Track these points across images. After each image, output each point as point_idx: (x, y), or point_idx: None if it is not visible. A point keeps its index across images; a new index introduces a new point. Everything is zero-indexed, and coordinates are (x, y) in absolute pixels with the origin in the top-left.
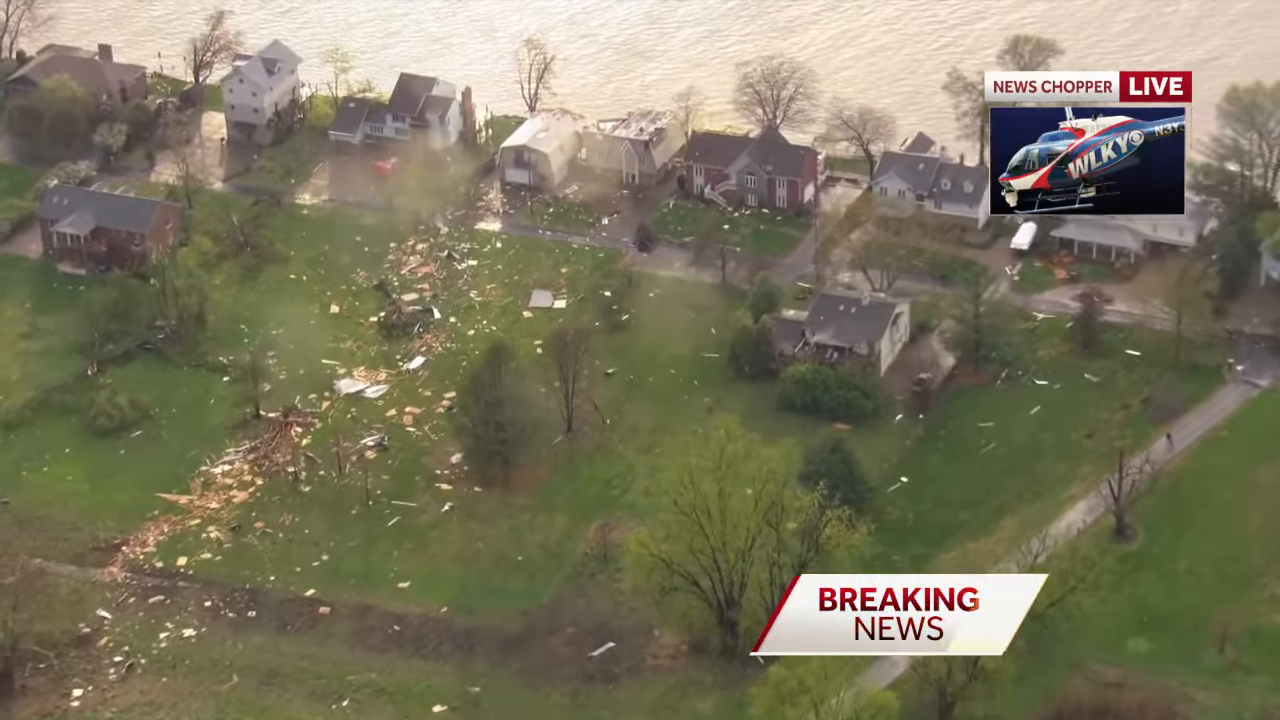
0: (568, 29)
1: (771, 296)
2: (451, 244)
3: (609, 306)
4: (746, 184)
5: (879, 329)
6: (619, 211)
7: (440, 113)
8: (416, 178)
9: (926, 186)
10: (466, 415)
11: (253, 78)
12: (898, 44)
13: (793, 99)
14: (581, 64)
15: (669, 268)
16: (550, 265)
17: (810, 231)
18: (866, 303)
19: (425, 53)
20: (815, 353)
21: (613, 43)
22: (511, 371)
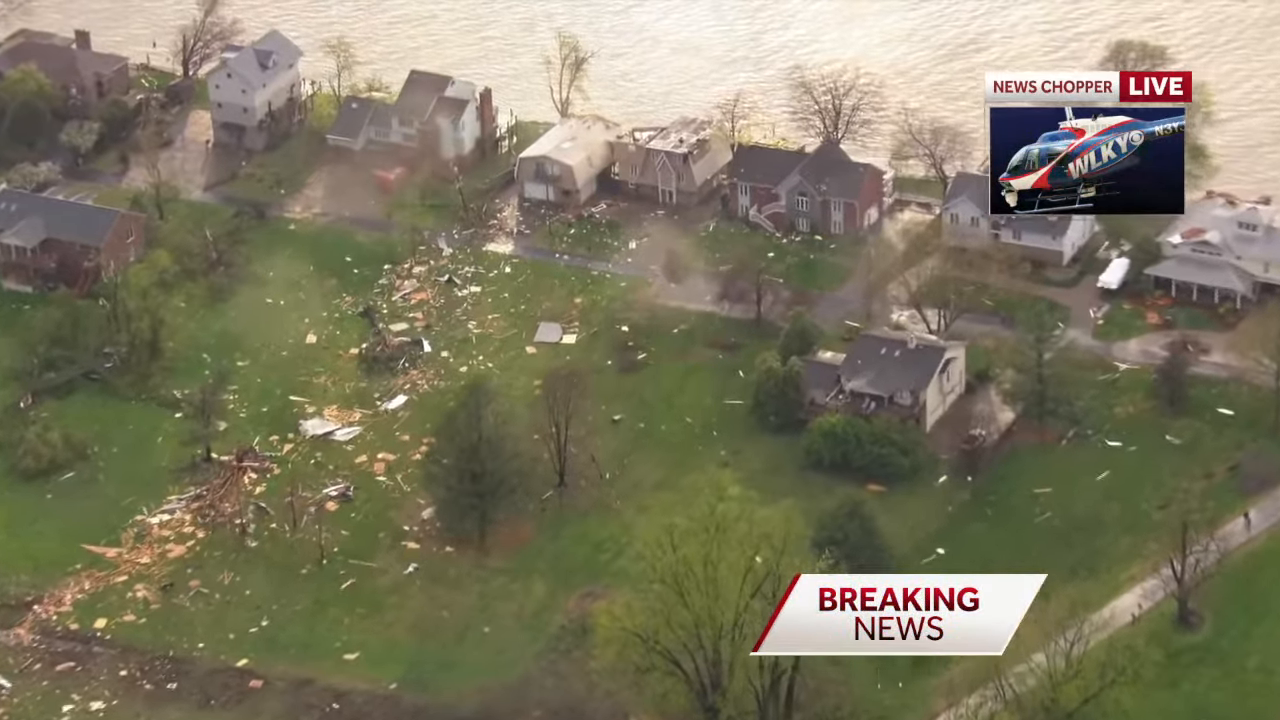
0: (616, 19)
1: (806, 336)
2: (454, 267)
3: (625, 343)
4: (797, 206)
5: (925, 377)
6: (650, 235)
7: (453, 117)
8: (421, 191)
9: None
10: (439, 463)
11: (243, 72)
12: (980, 48)
13: (856, 109)
14: (626, 65)
15: (699, 301)
16: (563, 294)
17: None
18: (913, 346)
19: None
20: (850, 402)
21: (666, 39)
22: (493, 413)
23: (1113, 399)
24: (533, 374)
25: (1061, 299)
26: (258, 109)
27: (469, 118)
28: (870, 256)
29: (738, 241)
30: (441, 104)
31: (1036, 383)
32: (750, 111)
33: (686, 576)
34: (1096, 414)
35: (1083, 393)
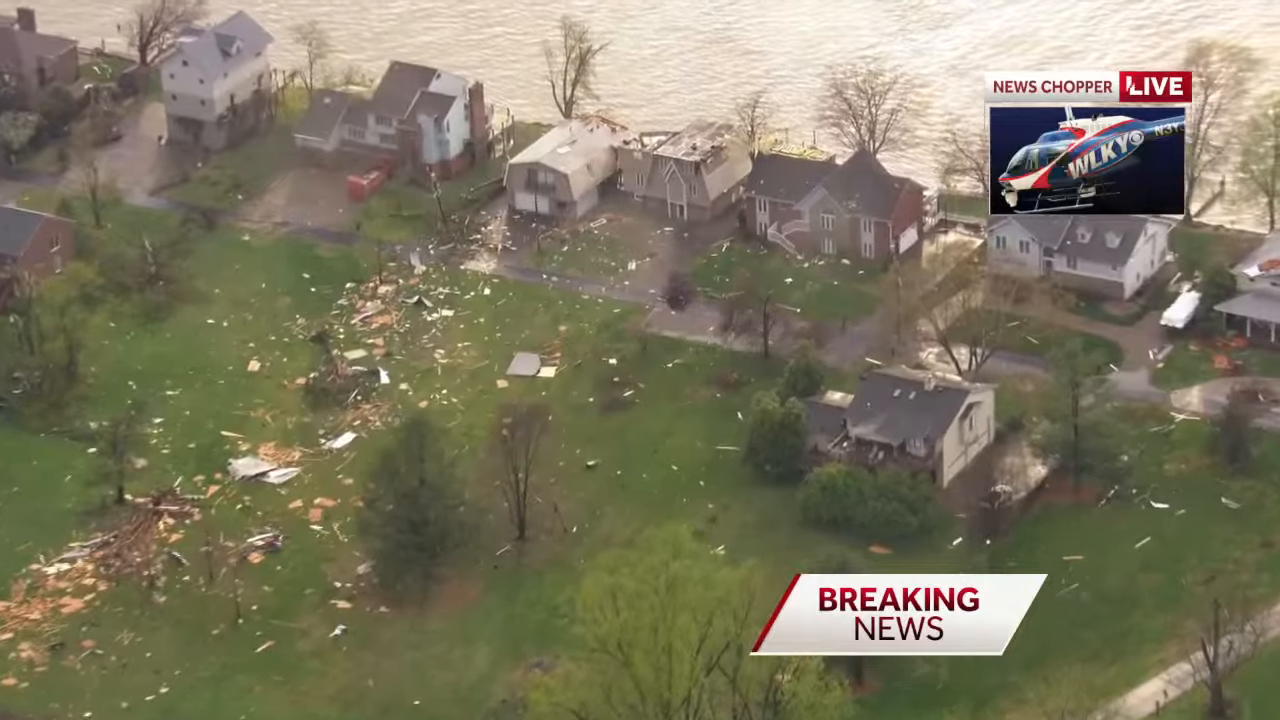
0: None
1: (812, 373)
2: (426, 288)
3: (610, 378)
4: (823, 225)
5: (943, 423)
6: (654, 254)
7: (437, 115)
8: (397, 200)
9: (1057, 239)
10: (375, 509)
11: (201, 60)
12: (1054, 47)
13: (896, 114)
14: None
15: (701, 331)
16: (547, 321)
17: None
18: (931, 388)
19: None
20: (856, 450)
21: (694, 33)
22: (438, 453)
23: (1163, 454)
24: (502, 411)
25: (1118, 338)
26: (217, 102)
27: (456, 116)
28: (898, 284)
29: (753, 264)
30: (424, 100)
31: (1071, 433)
32: (772, 114)
33: (631, 645)
34: (1142, 471)
35: (1127, 446)
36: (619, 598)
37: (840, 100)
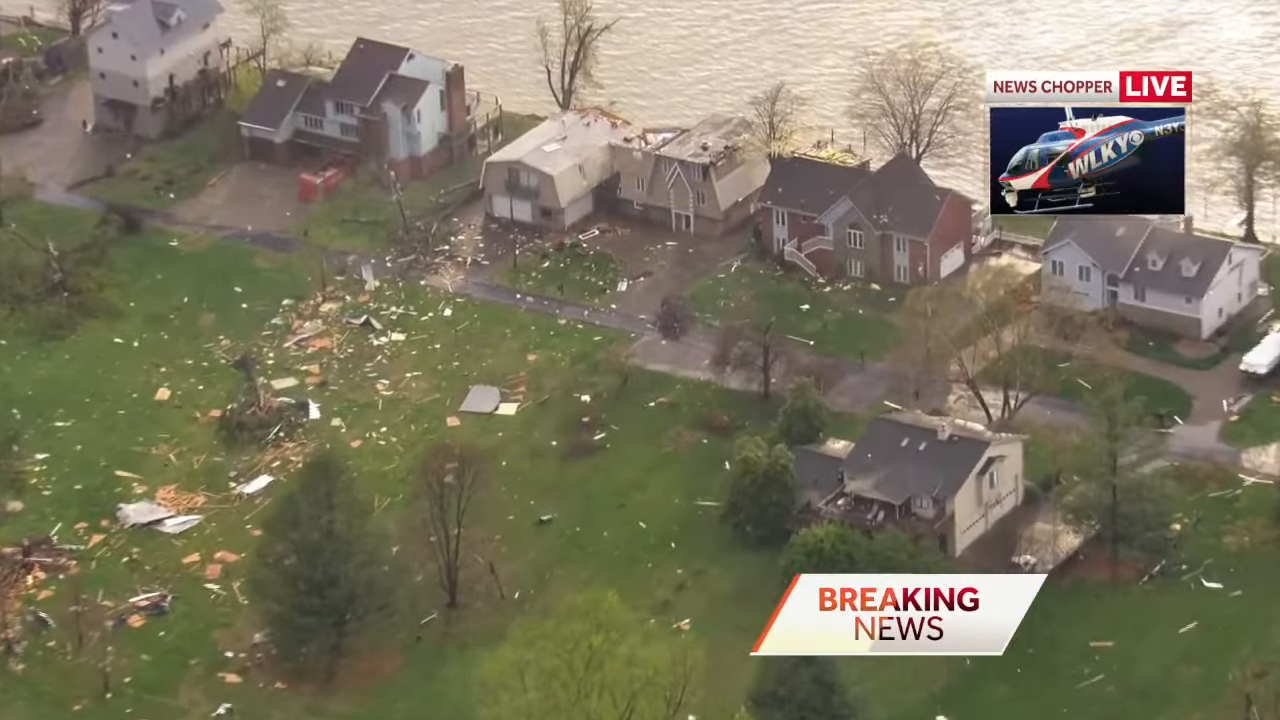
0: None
1: (811, 417)
2: (376, 306)
3: (580, 418)
4: (849, 242)
5: (956, 479)
6: (650, 273)
7: (406, 103)
8: (355, 203)
9: (1123, 264)
10: (272, 566)
11: (133, 33)
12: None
13: (945, 112)
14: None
15: (694, 365)
16: (514, 348)
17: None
18: (945, 437)
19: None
20: (854, 509)
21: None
22: (350, 502)
23: (1223, 524)
24: (431, 453)
25: (1188, 383)
26: (153, 83)
27: (429, 105)
28: (927, 313)
29: (765, 286)
30: (392, 85)
31: (1109, 496)
32: (797, 110)
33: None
34: (1196, 543)
35: (1179, 513)
36: (527, 675)
37: (877, 94)
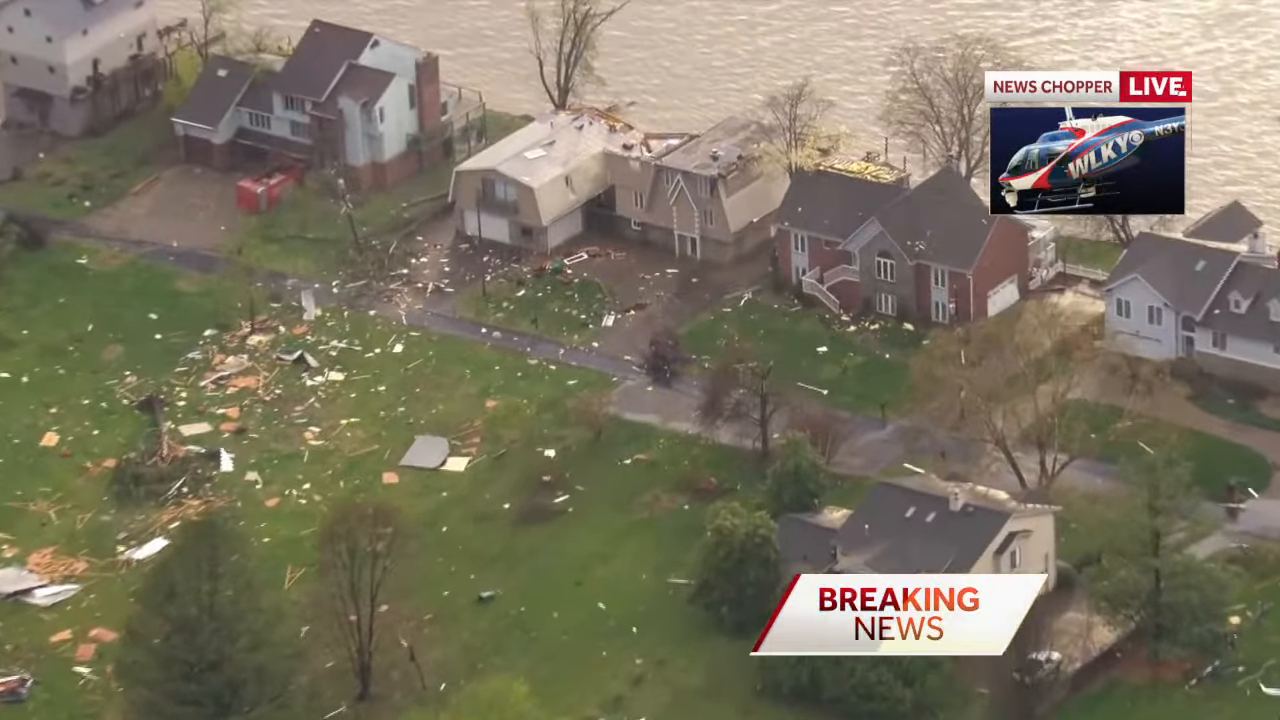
0: None
1: (805, 480)
2: (316, 339)
3: (541, 476)
4: (878, 273)
5: (969, 557)
6: (643, 305)
7: (367, 98)
8: (303, 217)
9: (1200, 305)
10: (144, 646)
11: (49, 9)
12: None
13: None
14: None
15: (683, 417)
16: (473, 393)
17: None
18: (959, 507)
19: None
20: None
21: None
22: (237, 571)
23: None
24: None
25: (1272, 449)
26: (72, 69)
27: (395, 101)
28: (960, 358)
29: (779, 324)
30: (351, 76)
31: (1151, 582)
32: (825, 113)
33: None
34: (1256, 641)
35: (1241, 604)
36: None
37: (919, 95)
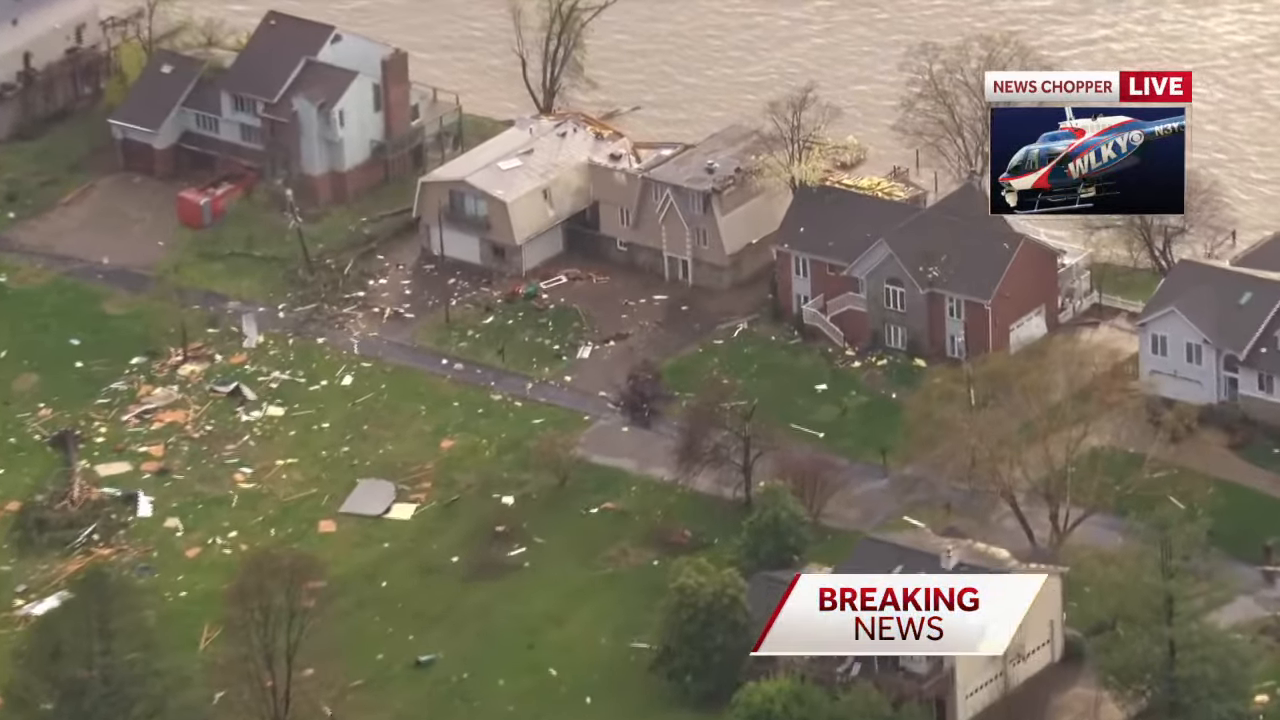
0: None
1: (784, 534)
2: (255, 370)
3: (495, 526)
4: (887, 302)
5: None
6: (624, 335)
7: (325, 99)
8: (249, 230)
9: (1244, 342)
10: (25, 713)
11: None
12: None
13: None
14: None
15: (662, 462)
16: (427, 431)
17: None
18: (951, 566)
19: None
20: (823, 657)
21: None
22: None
23: None
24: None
25: None
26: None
27: (357, 102)
28: (969, 400)
29: (775, 357)
30: (309, 75)
31: (1165, 653)
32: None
33: None
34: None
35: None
36: None
37: (937, 102)
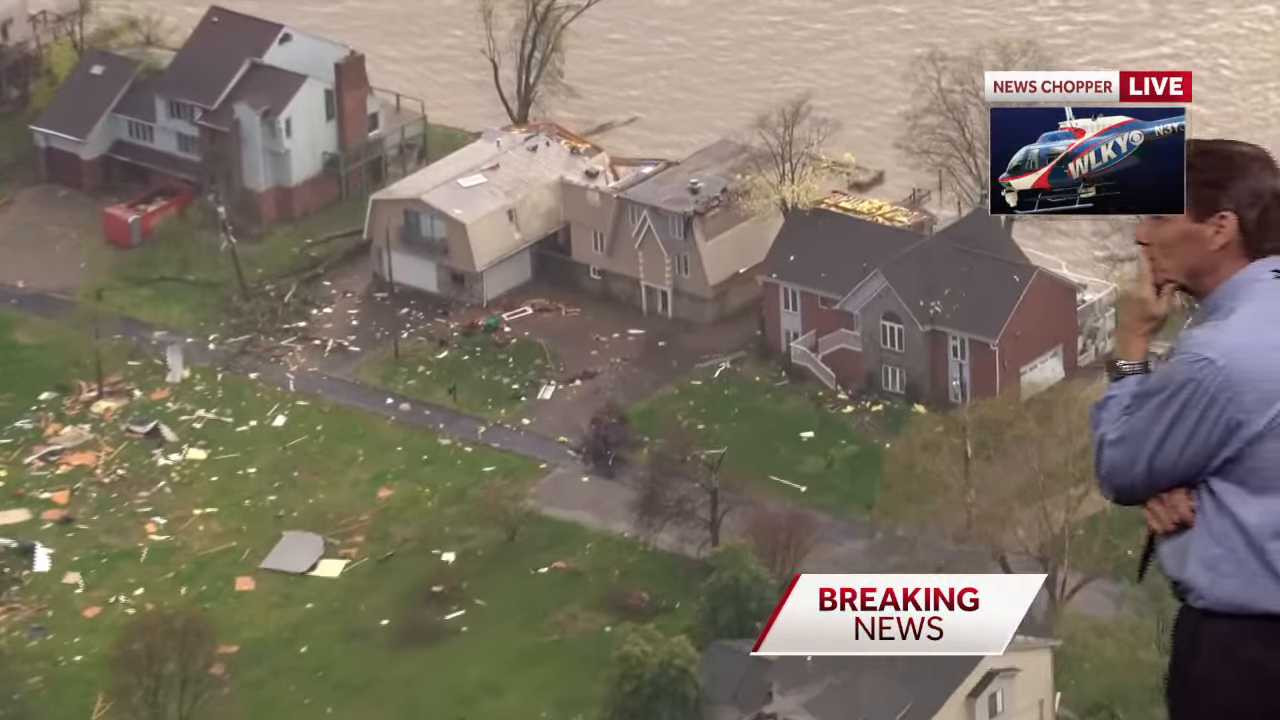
0: None
1: (743, 598)
2: (178, 408)
3: (431, 586)
4: (884, 340)
5: (932, 702)
6: (593, 374)
7: (270, 105)
8: (183, 252)
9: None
10: None
11: None
12: None
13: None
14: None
15: (620, 515)
16: (364, 479)
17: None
18: None
19: None
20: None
21: None
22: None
23: None
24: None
25: None
26: None
27: (307, 110)
28: (960, 452)
29: (758, 401)
30: (253, 78)
31: None
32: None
33: None
34: None
35: None
36: None
37: (946, 117)
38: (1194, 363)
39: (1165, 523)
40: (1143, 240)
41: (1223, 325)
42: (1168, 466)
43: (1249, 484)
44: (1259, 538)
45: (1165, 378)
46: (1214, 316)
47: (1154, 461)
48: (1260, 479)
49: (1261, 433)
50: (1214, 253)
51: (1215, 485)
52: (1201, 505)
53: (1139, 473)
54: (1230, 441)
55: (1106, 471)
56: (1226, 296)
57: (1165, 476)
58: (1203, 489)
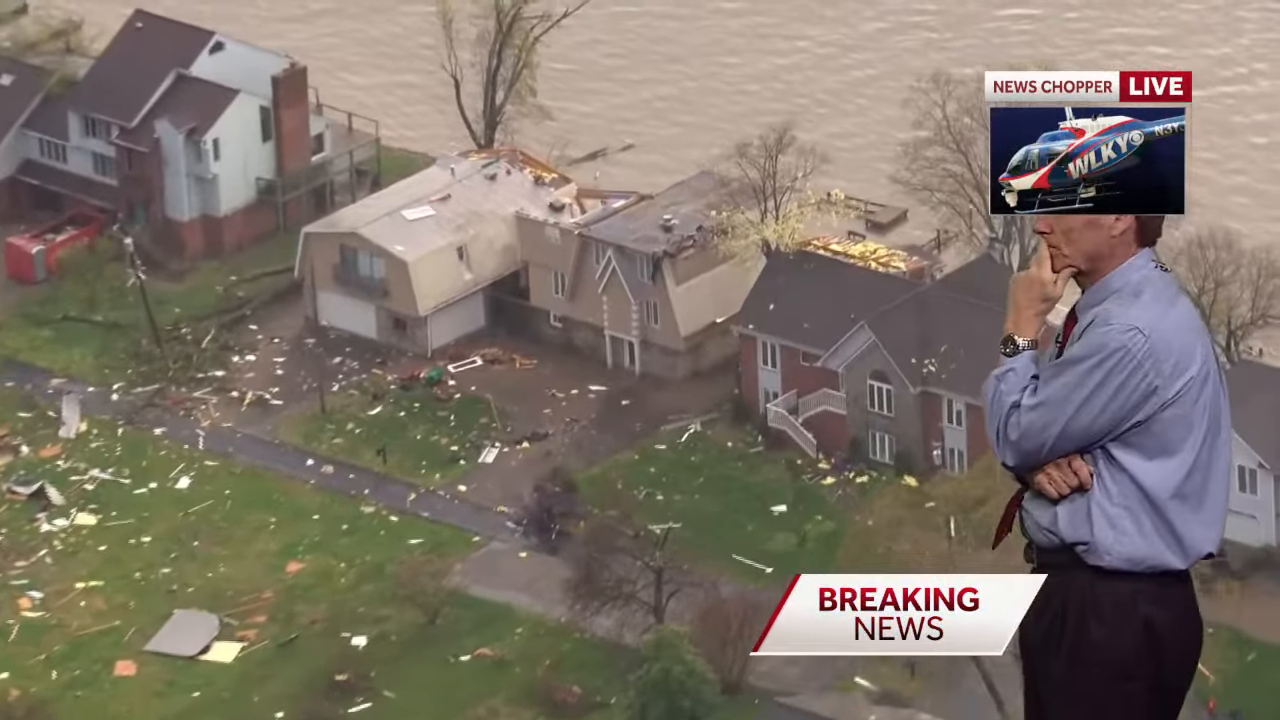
0: None
1: (674, 694)
2: (69, 466)
3: (335, 675)
4: (870, 402)
5: None
6: (543, 435)
7: (196, 123)
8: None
9: None
10: None
11: None
12: None
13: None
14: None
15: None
16: (272, 550)
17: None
18: None
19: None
20: None
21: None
22: None
23: None
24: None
25: None
26: None
27: (236, 128)
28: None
29: (728, 469)
30: (179, 92)
31: None
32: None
33: None
34: None
35: None
36: None
37: (949, 149)
38: (1126, 331)
39: (1061, 486)
40: (1042, 230)
41: (1135, 303)
42: (1081, 429)
43: (1146, 448)
44: (1158, 498)
45: (1094, 345)
46: (1117, 296)
47: (1070, 424)
48: (1159, 443)
49: (1169, 400)
50: (1113, 239)
51: (1114, 450)
52: (1099, 469)
53: (1051, 435)
54: (1144, 406)
55: (1018, 436)
56: (1123, 279)
57: (1074, 440)
58: (1099, 454)
